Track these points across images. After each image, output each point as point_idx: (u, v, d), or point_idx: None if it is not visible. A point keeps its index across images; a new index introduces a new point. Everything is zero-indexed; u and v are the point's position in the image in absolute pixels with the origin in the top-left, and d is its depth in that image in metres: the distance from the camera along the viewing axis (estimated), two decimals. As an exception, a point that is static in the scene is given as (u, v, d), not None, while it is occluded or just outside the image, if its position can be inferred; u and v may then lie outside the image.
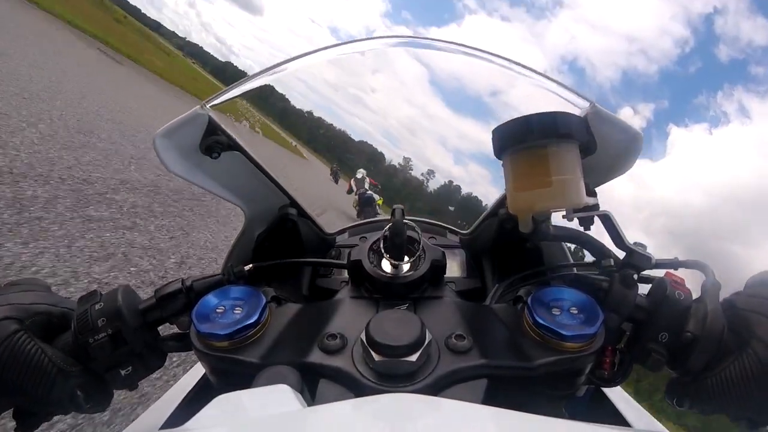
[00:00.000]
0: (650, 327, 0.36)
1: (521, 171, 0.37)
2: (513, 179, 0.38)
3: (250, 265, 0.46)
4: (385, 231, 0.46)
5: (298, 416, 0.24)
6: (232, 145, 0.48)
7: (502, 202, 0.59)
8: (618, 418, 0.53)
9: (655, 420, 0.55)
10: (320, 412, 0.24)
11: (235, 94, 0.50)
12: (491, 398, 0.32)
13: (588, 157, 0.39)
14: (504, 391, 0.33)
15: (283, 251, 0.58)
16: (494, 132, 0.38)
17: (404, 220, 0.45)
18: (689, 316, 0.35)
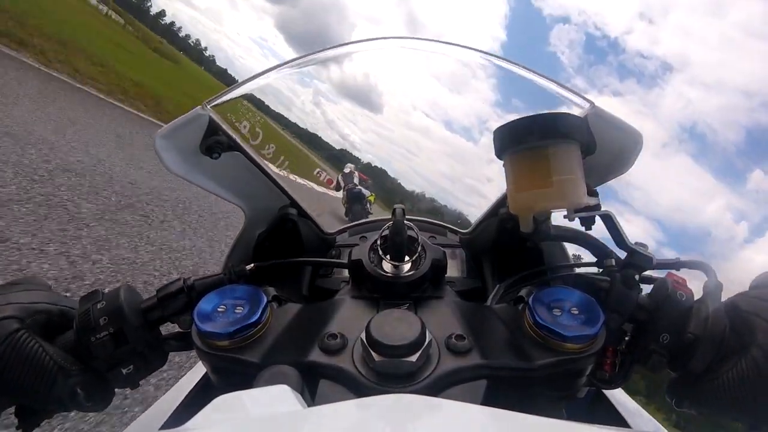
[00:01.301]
0: (652, 328, 0.36)
1: (522, 171, 0.37)
2: (514, 179, 0.38)
3: (252, 265, 0.46)
4: (385, 230, 0.45)
5: (299, 417, 0.24)
6: (233, 146, 0.48)
7: (502, 202, 0.59)
8: (618, 420, 0.53)
9: (656, 421, 0.55)
10: (320, 413, 0.24)
11: (236, 95, 0.50)
12: (491, 399, 0.32)
13: (588, 157, 0.39)
14: (504, 392, 0.33)
15: (283, 251, 0.58)
16: (495, 132, 0.38)
17: (404, 220, 0.44)
18: (691, 316, 0.34)
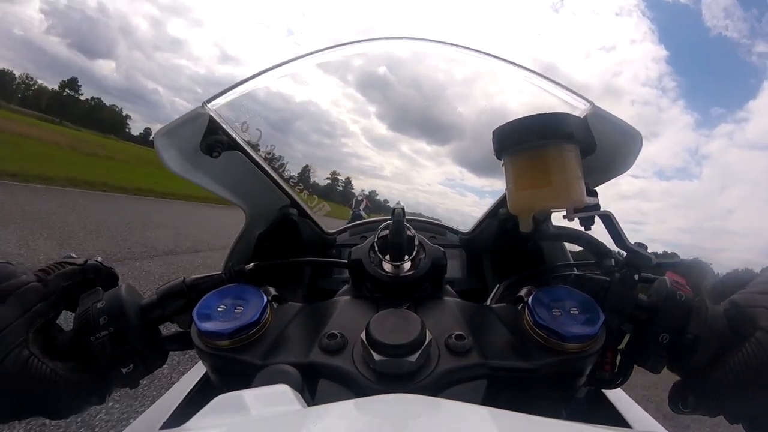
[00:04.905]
0: (651, 327, 0.36)
1: (522, 171, 0.37)
2: (513, 179, 0.38)
3: (252, 264, 0.46)
4: (385, 230, 0.45)
5: (299, 416, 0.24)
6: (233, 145, 0.48)
7: (502, 202, 0.59)
8: (618, 420, 0.53)
9: (655, 421, 0.55)
10: (320, 412, 0.24)
11: (236, 94, 0.50)
12: (491, 399, 0.32)
13: (588, 157, 0.39)
14: (504, 391, 0.33)
15: (283, 251, 0.58)
16: (495, 132, 0.38)
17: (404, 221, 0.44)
18: (690, 316, 0.35)
